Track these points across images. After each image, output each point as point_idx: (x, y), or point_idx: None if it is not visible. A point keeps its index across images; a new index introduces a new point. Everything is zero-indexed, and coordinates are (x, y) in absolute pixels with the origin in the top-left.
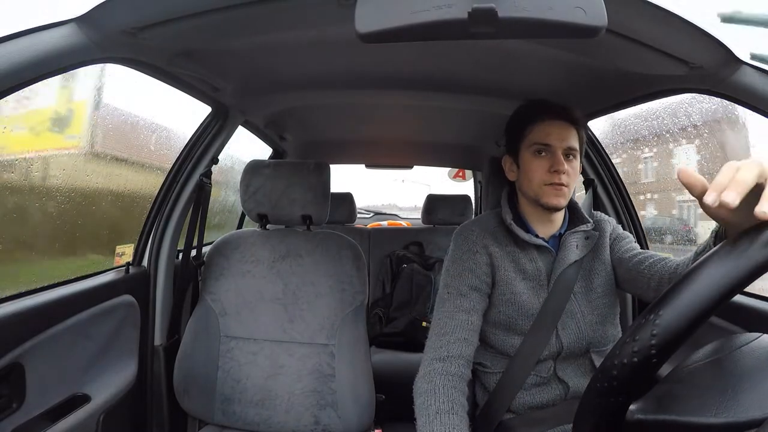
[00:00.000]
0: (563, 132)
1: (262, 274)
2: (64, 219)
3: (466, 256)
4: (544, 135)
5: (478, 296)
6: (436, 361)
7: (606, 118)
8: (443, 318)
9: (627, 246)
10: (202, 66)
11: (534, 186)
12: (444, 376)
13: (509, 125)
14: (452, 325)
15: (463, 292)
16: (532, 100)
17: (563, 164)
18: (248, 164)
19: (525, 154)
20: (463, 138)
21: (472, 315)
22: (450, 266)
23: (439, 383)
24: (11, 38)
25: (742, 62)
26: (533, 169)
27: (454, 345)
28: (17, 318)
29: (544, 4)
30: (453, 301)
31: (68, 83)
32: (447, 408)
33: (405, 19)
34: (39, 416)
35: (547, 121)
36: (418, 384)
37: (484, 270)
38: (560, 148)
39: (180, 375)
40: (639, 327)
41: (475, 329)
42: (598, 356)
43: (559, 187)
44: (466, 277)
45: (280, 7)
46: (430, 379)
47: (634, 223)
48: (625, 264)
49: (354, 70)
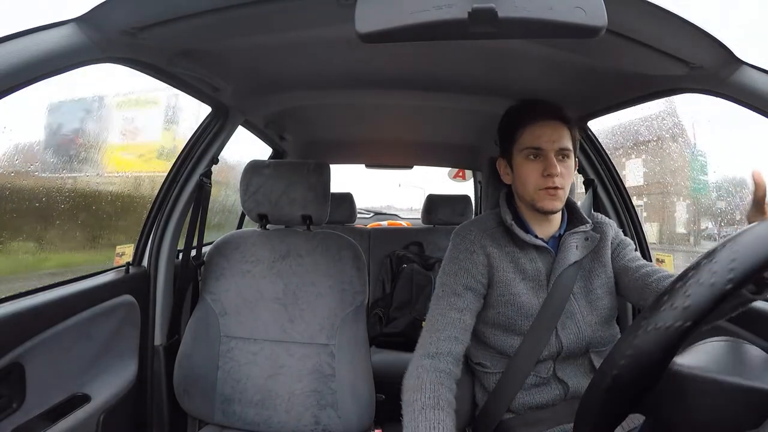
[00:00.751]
0: (554, 133)
1: (262, 274)
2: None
3: (464, 255)
4: (535, 138)
5: (473, 296)
6: (425, 357)
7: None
8: (436, 315)
9: (631, 255)
10: (202, 66)
11: (529, 190)
12: (432, 372)
13: (501, 128)
14: (444, 323)
15: (458, 291)
16: (521, 100)
17: (556, 167)
18: (248, 164)
19: (517, 159)
20: (463, 138)
21: (464, 314)
22: (447, 265)
23: (426, 379)
24: (11, 38)
25: (742, 62)
26: (526, 173)
27: (444, 342)
28: (17, 318)
29: (544, 4)
30: (447, 299)
31: (171, 126)
32: (432, 403)
33: (405, 19)
34: (39, 416)
35: (537, 122)
36: (406, 380)
37: (481, 270)
38: (552, 150)
39: (180, 375)
40: (638, 327)
41: (467, 328)
42: (597, 357)
43: (554, 191)
44: (461, 276)
45: (280, 7)
46: (417, 375)
47: (634, 223)
48: (632, 274)
49: (354, 70)
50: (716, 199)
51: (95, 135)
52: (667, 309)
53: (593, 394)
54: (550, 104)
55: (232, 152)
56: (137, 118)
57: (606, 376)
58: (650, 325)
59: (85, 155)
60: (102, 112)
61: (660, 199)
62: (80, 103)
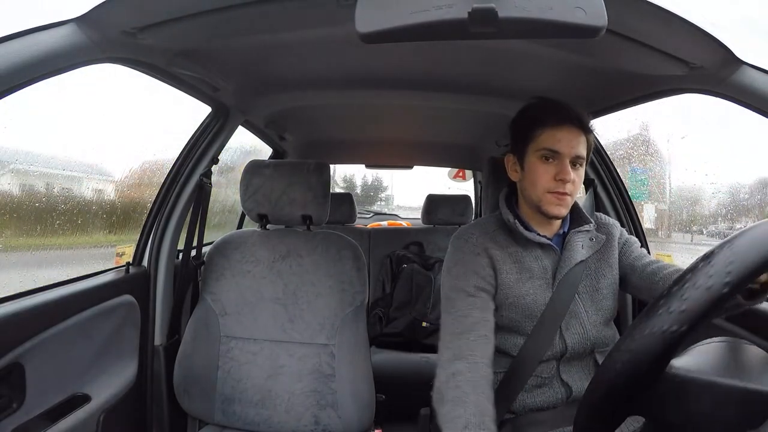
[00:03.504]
0: (573, 139)
1: (262, 274)
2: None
3: (469, 258)
4: (554, 141)
5: (486, 296)
6: (457, 361)
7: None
8: (458, 318)
9: (638, 252)
10: (202, 66)
11: (537, 192)
12: (471, 382)
13: (517, 123)
14: (469, 323)
15: (471, 292)
16: (543, 98)
17: (570, 173)
18: (248, 164)
19: (531, 158)
20: (463, 138)
21: (486, 313)
22: (453, 268)
23: (468, 390)
24: (11, 38)
25: (742, 62)
26: (539, 174)
27: (475, 343)
28: (17, 318)
29: (545, 4)
30: (464, 301)
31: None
32: (477, 422)
33: (405, 19)
34: (39, 416)
35: (558, 125)
36: (443, 389)
37: (488, 272)
38: (569, 156)
39: (180, 375)
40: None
41: (492, 328)
42: (602, 357)
43: (563, 196)
44: (471, 277)
45: (280, 7)
46: (456, 384)
47: (635, 223)
48: (639, 272)
49: (354, 70)
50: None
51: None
52: (663, 313)
53: (591, 399)
54: (573, 109)
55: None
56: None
57: (602, 381)
58: (646, 329)
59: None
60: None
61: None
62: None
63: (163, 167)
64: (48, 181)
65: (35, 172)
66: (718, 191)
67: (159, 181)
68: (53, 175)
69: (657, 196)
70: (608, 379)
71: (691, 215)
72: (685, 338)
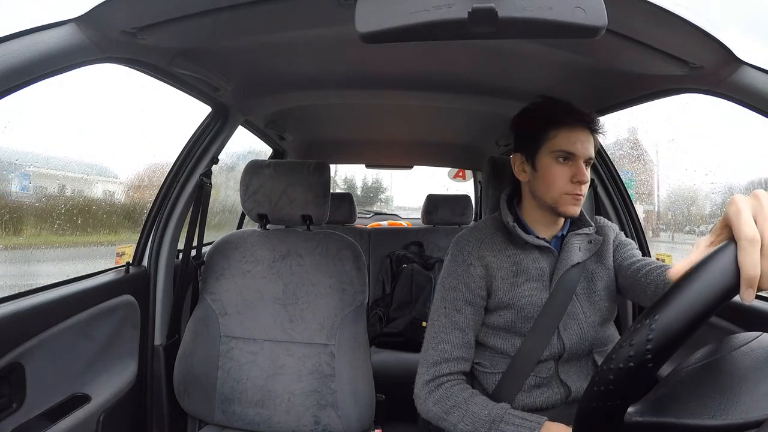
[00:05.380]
0: (587, 141)
1: (262, 274)
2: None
3: (461, 269)
4: (571, 143)
5: (473, 311)
6: (437, 364)
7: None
8: (439, 333)
9: (628, 253)
10: (202, 66)
11: (553, 193)
12: (453, 383)
13: (525, 123)
14: (449, 341)
15: (458, 307)
16: (551, 98)
17: (586, 175)
18: (248, 164)
19: (546, 159)
20: (463, 138)
21: (467, 333)
22: (446, 278)
23: (454, 388)
24: (11, 38)
25: (742, 62)
26: (555, 176)
27: (453, 363)
28: (17, 318)
29: (544, 3)
30: (449, 318)
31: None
32: (470, 392)
33: (405, 19)
34: (39, 416)
35: (573, 127)
36: (432, 400)
37: (479, 283)
38: (583, 158)
39: (180, 375)
40: (635, 331)
41: (471, 345)
42: (601, 357)
43: (579, 197)
44: (460, 291)
45: (280, 7)
46: (447, 393)
47: (635, 223)
48: (624, 271)
49: (354, 70)
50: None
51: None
52: (625, 346)
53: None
54: (583, 111)
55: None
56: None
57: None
58: (612, 363)
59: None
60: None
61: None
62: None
63: (163, 167)
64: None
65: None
66: (710, 194)
67: (159, 181)
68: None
69: (645, 197)
70: (587, 409)
71: (679, 216)
72: (641, 376)
